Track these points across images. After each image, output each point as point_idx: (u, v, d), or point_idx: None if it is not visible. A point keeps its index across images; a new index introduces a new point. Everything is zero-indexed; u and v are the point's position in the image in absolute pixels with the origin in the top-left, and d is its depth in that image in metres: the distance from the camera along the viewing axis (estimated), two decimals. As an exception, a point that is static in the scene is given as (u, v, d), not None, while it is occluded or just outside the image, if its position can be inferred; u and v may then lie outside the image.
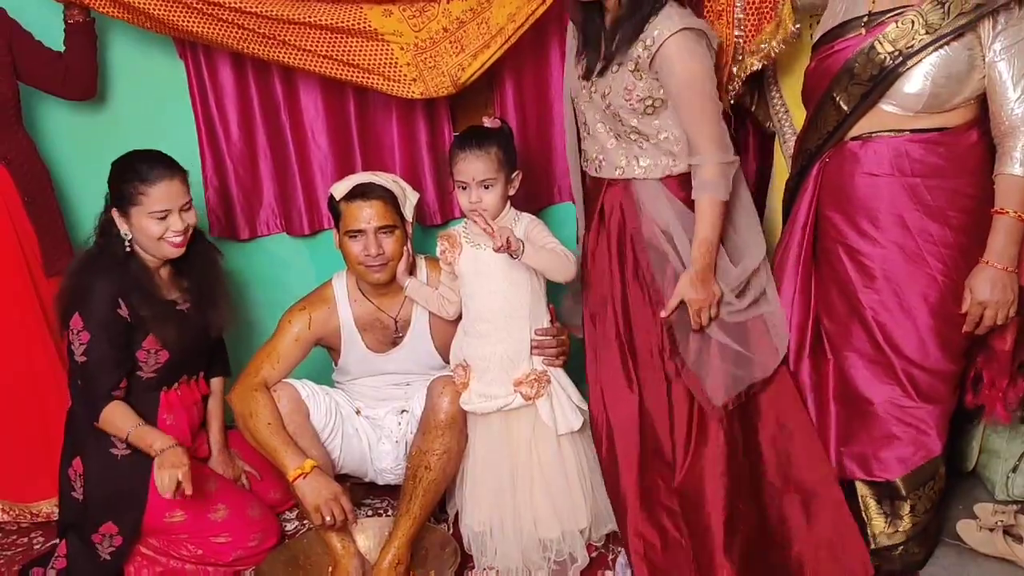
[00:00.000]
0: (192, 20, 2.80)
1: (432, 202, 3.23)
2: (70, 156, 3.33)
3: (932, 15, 2.25)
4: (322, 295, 2.83)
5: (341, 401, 2.86)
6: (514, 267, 2.60)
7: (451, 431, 2.64)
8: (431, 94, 2.84)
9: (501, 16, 2.73)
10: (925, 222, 2.37)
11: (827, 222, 2.51)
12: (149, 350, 2.71)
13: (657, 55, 2.35)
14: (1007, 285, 2.31)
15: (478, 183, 2.56)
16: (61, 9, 2.96)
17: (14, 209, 2.96)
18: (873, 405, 2.48)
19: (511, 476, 2.66)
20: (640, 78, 2.40)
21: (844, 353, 2.51)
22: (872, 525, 2.53)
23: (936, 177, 2.36)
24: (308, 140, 3.21)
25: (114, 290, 2.64)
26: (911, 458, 2.47)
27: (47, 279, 3.03)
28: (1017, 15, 2.23)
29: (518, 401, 2.61)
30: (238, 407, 2.69)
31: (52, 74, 3.01)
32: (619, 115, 2.46)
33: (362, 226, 2.66)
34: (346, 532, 2.67)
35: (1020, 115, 2.25)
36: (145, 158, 2.71)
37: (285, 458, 2.61)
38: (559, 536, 2.67)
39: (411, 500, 2.65)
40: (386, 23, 2.75)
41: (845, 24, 2.39)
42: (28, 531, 3.03)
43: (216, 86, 3.17)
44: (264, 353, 2.76)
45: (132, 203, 2.65)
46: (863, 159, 2.41)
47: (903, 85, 2.31)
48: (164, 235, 2.66)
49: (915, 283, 2.40)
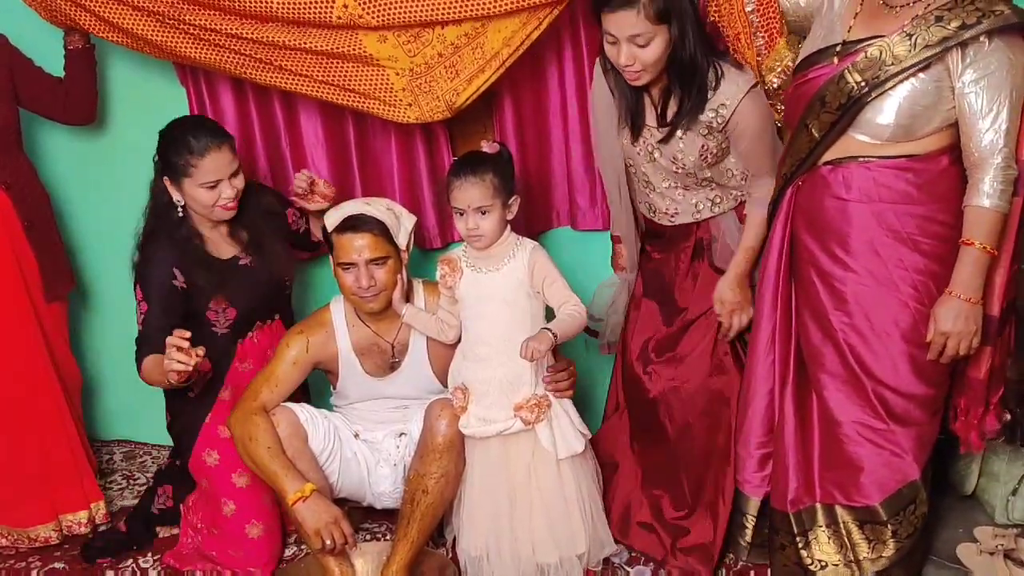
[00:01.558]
0: (190, 46, 2.83)
1: (432, 226, 3.23)
2: (70, 181, 3.35)
3: (899, 47, 2.26)
4: (320, 319, 2.83)
5: (340, 425, 2.85)
6: (516, 291, 2.61)
7: (449, 454, 2.64)
8: (426, 119, 2.85)
9: (496, 41, 2.72)
10: (895, 248, 2.38)
11: (800, 245, 2.53)
12: (217, 309, 2.84)
13: (731, 120, 2.55)
14: (970, 316, 2.31)
15: (474, 209, 2.57)
16: (61, 35, 2.98)
17: (14, 234, 2.97)
18: (847, 428, 2.48)
19: (509, 500, 2.65)
20: (712, 139, 2.60)
21: (819, 376, 2.52)
22: (856, 551, 2.52)
23: (905, 203, 2.36)
24: (308, 165, 3.21)
25: (170, 260, 2.77)
26: (887, 482, 2.47)
27: (47, 304, 3.04)
28: (987, 49, 2.23)
29: (518, 426, 2.61)
30: (237, 431, 2.69)
31: (52, 100, 3.03)
32: (692, 172, 2.66)
33: (353, 258, 2.66)
34: (344, 557, 2.66)
35: (988, 147, 2.25)
36: (192, 128, 2.80)
37: (284, 482, 2.61)
38: (557, 562, 2.66)
39: (409, 524, 2.64)
40: (381, 49, 2.75)
41: (821, 51, 2.40)
42: (26, 555, 3.02)
43: (217, 111, 3.18)
44: (262, 377, 2.75)
45: (183, 175, 2.75)
46: (833, 184, 2.42)
47: (870, 115, 2.33)
48: (216, 202, 2.76)
49: (887, 308, 2.41)
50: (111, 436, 3.64)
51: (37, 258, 3.01)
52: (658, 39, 2.45)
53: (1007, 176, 2.26)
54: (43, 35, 2.98)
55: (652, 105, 2.64)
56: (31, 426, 3.02)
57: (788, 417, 2.58)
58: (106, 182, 3.36)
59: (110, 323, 3.50)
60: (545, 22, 2.67)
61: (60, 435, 3.06)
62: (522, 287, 2.62)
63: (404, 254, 2.75)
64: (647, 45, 2.45)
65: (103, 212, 3.39)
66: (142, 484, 3.35)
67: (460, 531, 2.74)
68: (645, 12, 2.40)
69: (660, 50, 2.47)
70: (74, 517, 3.07)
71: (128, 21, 2.82)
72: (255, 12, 2.71)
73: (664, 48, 2.47)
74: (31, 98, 3.01)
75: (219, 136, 2.78)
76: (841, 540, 2.52)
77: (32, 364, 3.01)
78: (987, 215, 2.27)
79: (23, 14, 2.91)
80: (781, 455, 2.59)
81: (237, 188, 2.79)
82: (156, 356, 2.63)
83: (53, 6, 2.85)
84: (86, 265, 3.46)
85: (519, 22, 2.67)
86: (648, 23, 2.41)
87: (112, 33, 2.88)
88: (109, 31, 2.88)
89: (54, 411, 3.05)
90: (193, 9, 2.75)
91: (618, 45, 2.47)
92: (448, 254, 2.73)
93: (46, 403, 3.04)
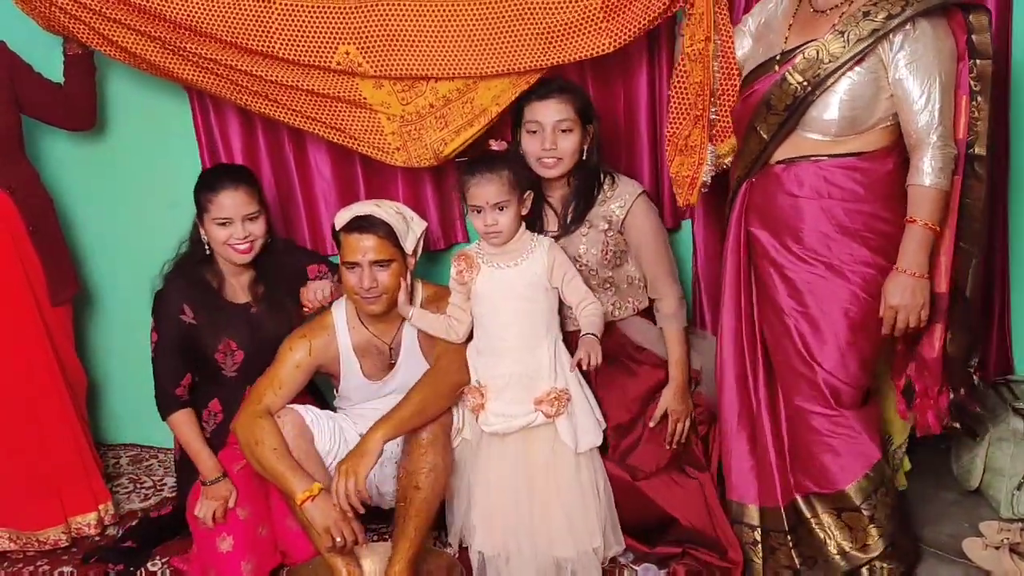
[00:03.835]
0: (188, 71, 2.89)
1: (435, 228, 3.24)
2: (74, 186, 3.36)
3: (834, 45, 2.40)
4: (322, 322, 2.84)
5: (345, 425, 2.85)
6: (533, 286, 2.65)
7: (434, 448, 2.65)
8: (413, 164, 2.94)
9: (486, 98, 2.83)
10: (845, 242, 2.49)
11: (755, 240, 2.62)
12: (225, 351, 2.88)
13: (626, 219, 2.79)
14: (917, 290, 2.42)
15: (492, 206, 2.59)
16: (60, 41, 2.99)
17: (19, 238, 2.98)
18: (807, 417, 2.56)
19: (529, 497, 2.66)
20: (611, 236, 2.81)
21: (780, 370, 2.61)
22: (838, 542, 2.56)
23: (854, 201, 2.48)
24: (311, 168, 3.24)
25: (181, 296, 2.85)
26: (853, 466, 2.53)
27: (52, 307, 3.06)
28: (914, 35, 2.36)
29: (540, 419, 2.62)
30: (243, 435, 2.69)
31: (52, 106, 3.04)
32: (595, 270, 2.82)
33: (357, 259, 2.67)
34: (352, 557, 2.67)
35: (924, 127, 2.37)
36: (217, 169, 3.00)
37: (292, 482, 2.61)
38: (575, 556, 2.66)
39: (405, 522, 2.65)
40: (376, 94, 2.85)
41: (762, 64, 2.56)
42: (34, 559, 3.02)
43: (220, 115, 3.20)
44: (266, 381, 2.76)
45: (203, 210, 2.84)
46: (786, 181, 2.54)
47: (816, 112, 2.45)
48: (228, 241, 2.81)
49: (838, 297, 2.51)
50: (117, 440, 3.65)
51: (42, 262, 3.03)
52: (576, 131, 2.75)
53: (945, 155, 2.38)
54: (42, 41, 2.99)
55: (553, 211, 2.85)
56: (38, 429, 3.03)
57: (763, 414, 2.64)
58: (110, 187, 3.37)
59: (115, 327, 3.51)
60: (533, 84, 2.79)
61: (67, 437, 3.07)
62: (539, 282, 2.65)
63: (411, 259, 2.76)
64: (568, 132, 2.73)
65: (107, 216, 3.40)
66: (148, 487, 3.37)
67: (473, 532, 2.74)
68: (572, 103, 2.74)
69: (576, 143, 2.75)
70: (83, 519, 3.08)
71: (129, 42, 2.85)
72: (257, 49, 2.79)
73: (578, 144, 2.76)
74: (31, 104, 3.02)
75: (238, 178, 2.85)
76: (825, 533, 2.57)
77: (38, 367, 3.02)
78: (928, 193, 2.39)
79: (22, 20, 2.91)
80: (762, 452, 2.64)
81: (251, 232, 2.82)
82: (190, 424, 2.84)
83: (51, 17, 2.86)
84: (91, 269, 3.47)
85: (508, 83, 2.80)
86: (572, 113, 2.73)
87: (112, 49, 2.91)
88: (109, 48, 2.90)
89: (60, 413, 3.06)
90: (196, 38, 2.80)
91: (540, 134, 2.74)
92: (464, 250, 2.76)
93: (52, 406, 3.05)
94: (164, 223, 3.03)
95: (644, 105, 3.06)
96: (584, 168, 2.80)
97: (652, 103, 3.06)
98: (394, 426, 2.62)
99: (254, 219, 2.83)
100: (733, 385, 2.69)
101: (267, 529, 2.80)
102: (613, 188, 2.81)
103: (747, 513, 2.67)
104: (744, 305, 2.67)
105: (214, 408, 2.94)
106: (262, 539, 2.79)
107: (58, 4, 2.80)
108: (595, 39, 2.68)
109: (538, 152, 2.74)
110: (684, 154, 2.74)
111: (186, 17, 2.75)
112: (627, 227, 2.81)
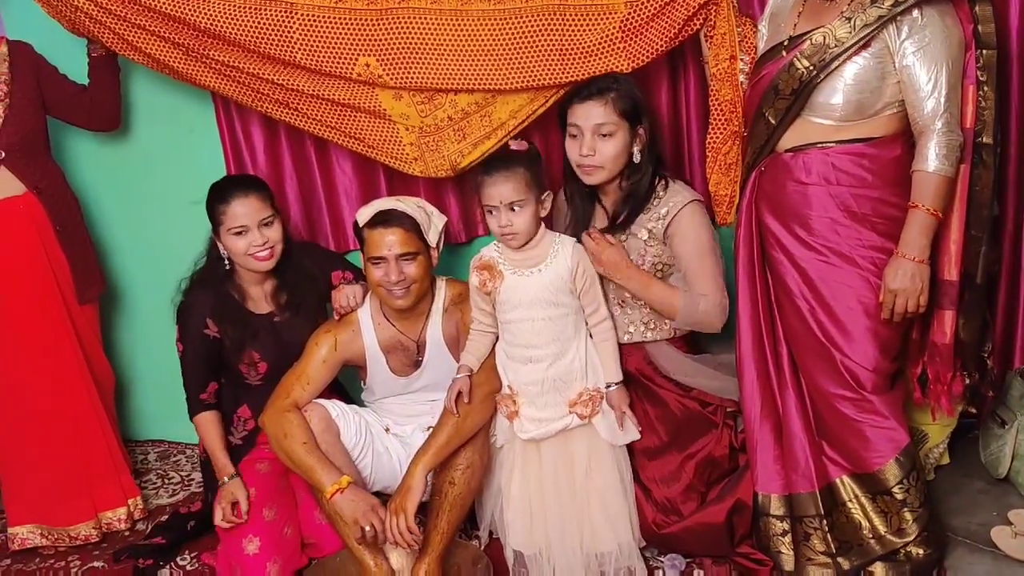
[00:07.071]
0: (210, 77, 2.93)
1: (456, 221, 3.25)
2: (100, 186, 3.40)
3: (840, 30, 2.42)
4: (347, 318, 2.85)
5: (371, 420, 2.88)
6: (559, 292, 2.60)
7: (472, 445, 2.66)
8: (430, 174, 2.96)
9: (504, 112, 2.85)
10: (854, 227, 2.50)
11: (765, 229, 2.62)
12: (249, 362, 2.89)
13: (670, 226, 2.66)
14: (916, 274, 2.42)
15: (506, 205, 2.53)
16: (85, 43, 3.02)
17: (47, 238, 3.01)
18: (834, 401, 2.56)
19: (570, 496, 2.66)
20: (652, 246, 2.68)
21: (801, 356, 2.61)
22: (874, 526, 2.55)
23: (861, 187, 2.49)
24: (333, 164, 3.26)
25: (204, 309, 2.86)
26: (884, 449, 2.53)
27: (79, 306, 3.09)
28: (921, 22, 2.37)
29: (575, 422, 2.62)
30: (271, 429, 2.72)
31: (78, 107, 3.08)
32: None
33: (383, 253, 2.67)
34: (379, 550, 2.68)
35: (930, 113, 2.38)
36: (226, 180, 2.96)
37: (321, 475, 2.63)
38: (616, 549, 2.66)
39: (439, 516, 2.66)
40: (395, 106, 2.88)
41: (771, 49, 2.58)
42: (65, 555, 3.05)
43: (243, 114, 3.22)
44: (294, 376, 2.78)
45: (218, 223, 2.83)
46: (794, 169, 2.54)
47: (822, 97, 2.47)
48: (248, 250, 2.80)
49: (850, 285, 2.51)
50: (145, 436, 3.69)
51: (69, 261, 3.06)
52: (620, 134, 2.63)
53: (950, 141, 2.39)
54: (67, 43, 3.02)
55: (604, 212, 2.77)
56: (68, 426, 3.06)
57: (790, 398, 2.63)
58: (135, 187, 3.40)
59: (141, 325, 3.55)
60: (551, 100, 2.83)
61: (96, 434, 3.10)
62: (565, 286, 2.60)
63: (434, 252, 2.77)
64: (609, 136, 2.62)
65: (132, 216, 3.44)
66: (176, 483, 3.40)
67: (508, 530, 2.74)
68: (613, 105, 2.61)
69: (619, 147, 2.64)
70: (113, 514, 3.12)
71: (152, 47, 2.89)
72: (279, 57, 2.81)
73: (623, 147, 2.64)
74: (56, 105, 3.05)
75: (248, 186, 2.85)
76: (861, 516, 2.57)
77: (67, 365, 3.05)
78: (932, 179, 2.40)
79: (47, 22, 2.95)
80: (790, 438, 2.62)
81: (269, 238, 2.82)
82: (213, 426, 2.88)
83: (76, 20, 2.90)
84: (117, 269, 3.50)
85: (527, 98, 2.83)
86: (614, 115, 2.61)
87: (135, 55, 2.94)
88: (133, 53, 2.94)
89: (90, 410, 3.10)
90: (218, 45, 2.83)
91: (579, 138, 2.64)
92: (483, 259, 2.67)
93: (82, 403, 3.08)
94: (189, 222, 3.06)
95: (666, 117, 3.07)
96: (637, 171, 2.70)
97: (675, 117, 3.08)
98: (434, 455, 2.63)
99: (269, 224, 2.82)
100: (754, 375, 2.67)
101: (292, 529, 2.82)
102: (664, 195, 2.69)
103: (773, 504, 2.67)
104: (760, 294, 2.66)
105: (243, 414, 2.96)
106: (288, 539, 2.80)
107: (83, 9, 2.83)
108: (613, 60, 2.71)
109: (576, 159, 2.67)
110: (723, 172, 2.76)
111: (209, 23, 2.78)
112: (670, 237, 2.68)
